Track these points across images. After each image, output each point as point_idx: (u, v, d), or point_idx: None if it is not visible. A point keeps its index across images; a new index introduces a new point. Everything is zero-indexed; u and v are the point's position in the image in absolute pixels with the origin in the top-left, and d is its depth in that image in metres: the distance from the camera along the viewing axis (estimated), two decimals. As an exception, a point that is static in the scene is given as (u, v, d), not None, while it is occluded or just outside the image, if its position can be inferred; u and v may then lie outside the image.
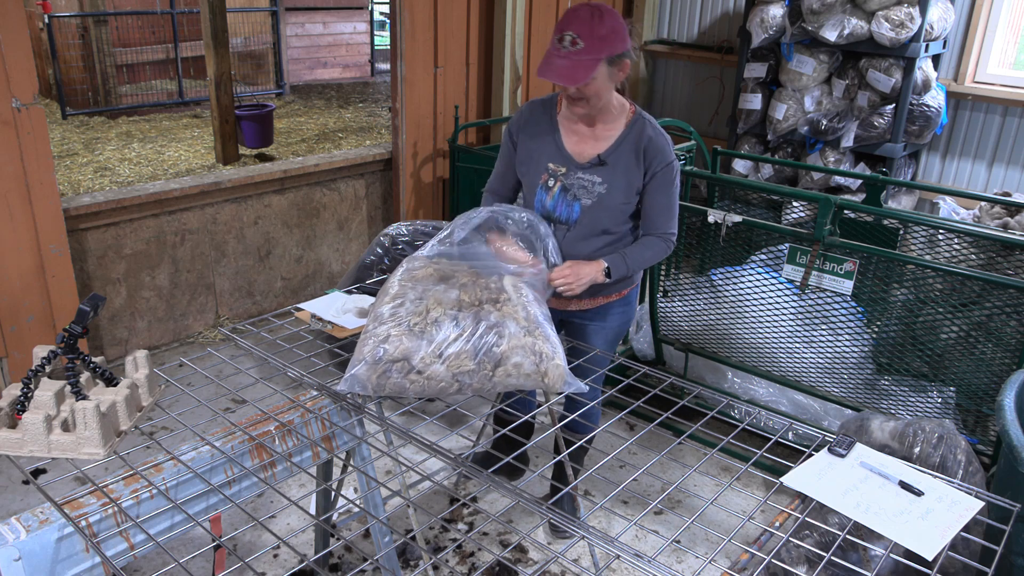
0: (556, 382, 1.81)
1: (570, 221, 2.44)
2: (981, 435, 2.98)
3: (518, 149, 2.51)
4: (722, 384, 3.63)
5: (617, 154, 2.38)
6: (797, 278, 3.08)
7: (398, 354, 1.79)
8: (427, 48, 4.67)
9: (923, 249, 3.26)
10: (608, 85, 2.29)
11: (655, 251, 2.44)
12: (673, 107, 6.11)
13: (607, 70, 2.25)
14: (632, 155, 2.37)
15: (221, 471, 1.79)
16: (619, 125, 2.40)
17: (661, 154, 2.37)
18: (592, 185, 2.39)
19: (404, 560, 2.77)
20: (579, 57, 2.19)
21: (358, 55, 9.77)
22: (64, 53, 6.92)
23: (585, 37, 2.17)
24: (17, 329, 3.39)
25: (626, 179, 2.38)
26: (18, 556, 1.48)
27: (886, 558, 1.52)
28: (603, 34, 2.19)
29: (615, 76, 2.30)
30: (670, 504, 3.11)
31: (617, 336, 2.72)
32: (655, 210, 2.43)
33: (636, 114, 2.42)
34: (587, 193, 2.39)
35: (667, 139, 2.41)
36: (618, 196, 2.39)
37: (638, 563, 1.38)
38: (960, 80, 4.67)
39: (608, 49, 2.21)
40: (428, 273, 1.98)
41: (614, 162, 2.37)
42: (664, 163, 2.37)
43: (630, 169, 2.38)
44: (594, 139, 2.40)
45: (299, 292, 4.73)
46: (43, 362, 1.75)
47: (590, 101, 2.29)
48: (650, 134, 2.38)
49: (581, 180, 2.39)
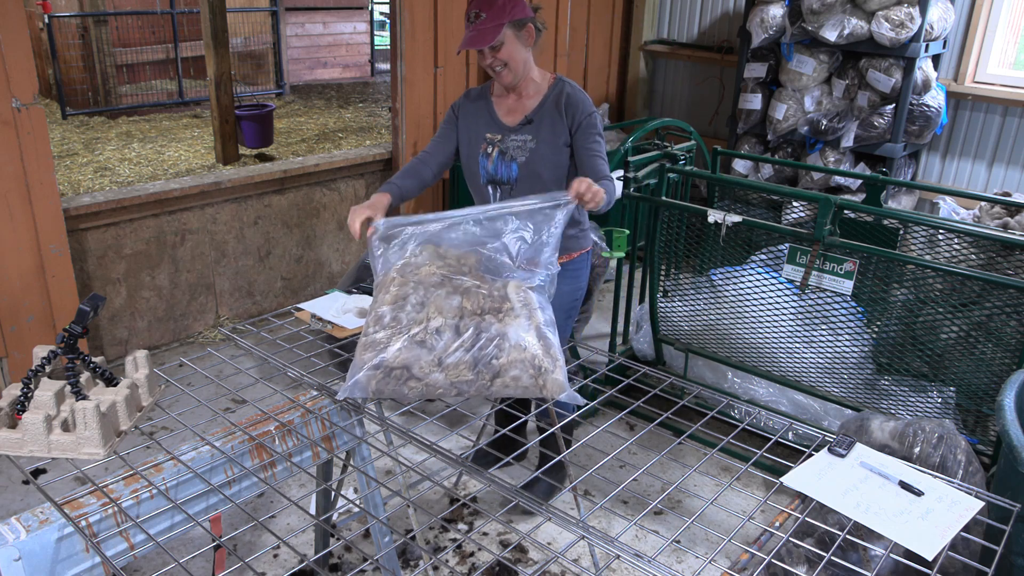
0: (553, 392, 1.82)
1: (511, 180, 2.70)
2: (981, 435, 2.98)
3: (459, 130, 2.79)
4: (722, 384, 3.63)
5: (542, 112, 2.65)
6: (797, 278, 3.08)
7: (398, 363, 1.79)
8: (427, 48, 4.67)
9: (923, 249, 3.26)
10: (519, 49, 2.59)
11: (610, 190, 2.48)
12: (673, 107, 6.11)
13: (514, 33, 2.56)
14: (555, 111, 2.63)
15: (221, 471, 1.80)
16: (543, 90, 2.69)
17: (581, 105, 2.63)
18: (524, 143, 2.65)
19: (404, 560, 2.77)
20: (484, 26, 2.53)
21: (358, 55, 9.77)
22: (64, 53, 6.91)
23: (485, 9, 2.53)
24: (17, 329, 3.39)
25: (552, 132, 2.63)
26: (18, 556, 1.48)
27: (886, 558, 1.52)
28: (501, 3, 2.53)
29: (524, 39, 2.60)
30: (670, 504, 3.11)
31: (572, 299, 2.81)
32: (590, 157, 2.62)
33: (556, 79, 2.71)
34: (521, 152, 2.66)
35: (585, 96, 2.67)
36: (546, 148, 2.63)
37: (638, 563, 1.38)
38: (960, 80, 4.67)
39: (508, 14, 2.53)
40: (431, 272, 1.96)
41: (539, 119, 2.65)
42: (585, 113, 2.62)
43: (555, 123, 2.63)
44: (522, 107, 2.70)
45: (299, 292, 4.73)
46: (43, 362, 1.75)
47: (508, 66, 2.58)
48: (568, 91, 2.65)
49: (515, 141, 2.67)
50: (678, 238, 3.54)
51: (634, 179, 3.40)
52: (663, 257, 3.64)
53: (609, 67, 6.12)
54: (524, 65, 2.62)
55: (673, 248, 3.58)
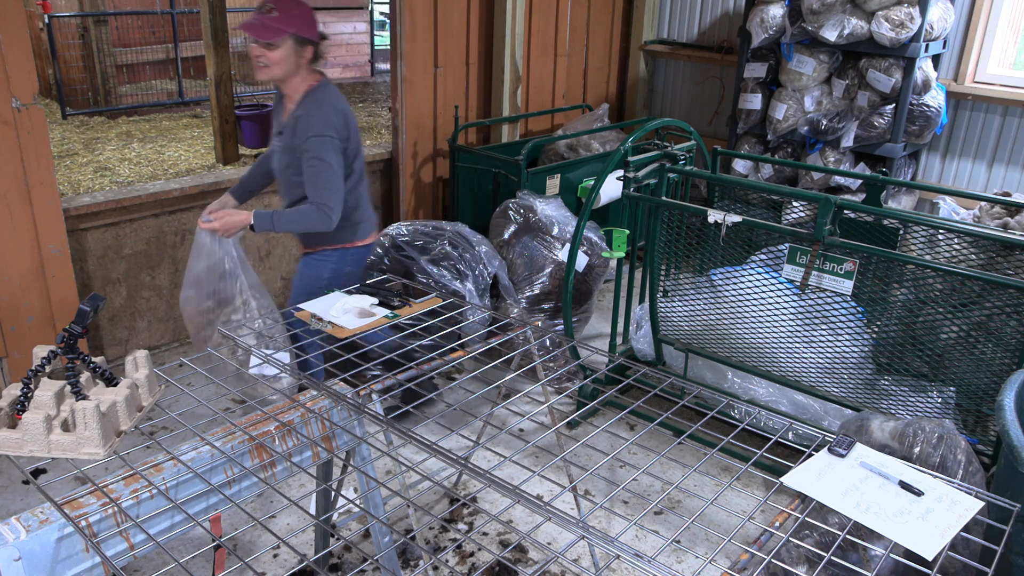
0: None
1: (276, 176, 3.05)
2: (981, 435, 2.98)
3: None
4: (722, 384, 3.62)
5: (289, 127, 2.87)
6: (797, 278, 3.08)
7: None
8: (427, 48, 4.67)
9: (923, 249, 3.26)
10: (290, 61, 2.77)
11: (307, 217, 2.83)
12: (673, 107, 6.11)
13: (293, 46, 2.75)
14: (294, 129, 2.84)
15: (221, 471, 1.79)
16: (296, 102, 2.88)
17: (303, 131, 2.81)
18: (279, 151, 2.94)
19: (404, 560, 2.77)
20: (271, 22, 2.69)
21: (358, 55, 9.77)
22: (64, 53, 6.91)
23: (279, 8, 2.70)
24: (17, 329, 3.39)
25: (292, 148, 2.87)
26: (18, 556, 1.48)
27: (886, 558, 1.52)
28: (295, 12, 2.71)
29: (299, 56, 2.79)
30: (670, 504, 3.11)
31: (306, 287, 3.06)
32: (305, 180, 2.84)
33: (305, 94, 2.86)
34: (278, 157, 2.97)
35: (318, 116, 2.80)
36: (290, 160, 2.89)
37: (638, 563, 1.38)
38: (960, 80, 4.67)
39: (297, 25, 2.71)
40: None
41: (286, 132, 2.89)
42: (304, 138, 2.80)
43: (292, 140, 2.86)
44: (286, 112, 2.92)
45: (299, 292, 4.73)
46: (43, 362, 1.75)
47: (270, 68, 2.76)
48: (301, 113, 2.83)
49: (275, 143, 2.98)
50: (678, 238, 3.54)
51: (634, 179, 3.40)
52: (663, 257, 3.64)
53: (609, 67, 6.12)
54: (285, 75, 2.81)
55: (673, 248, 3.58)
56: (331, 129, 2.80)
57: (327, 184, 2.80)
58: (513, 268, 4.12)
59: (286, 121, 2.89)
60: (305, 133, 2.78)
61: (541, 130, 5.66)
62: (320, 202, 2.80)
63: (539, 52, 5.38)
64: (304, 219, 2.83)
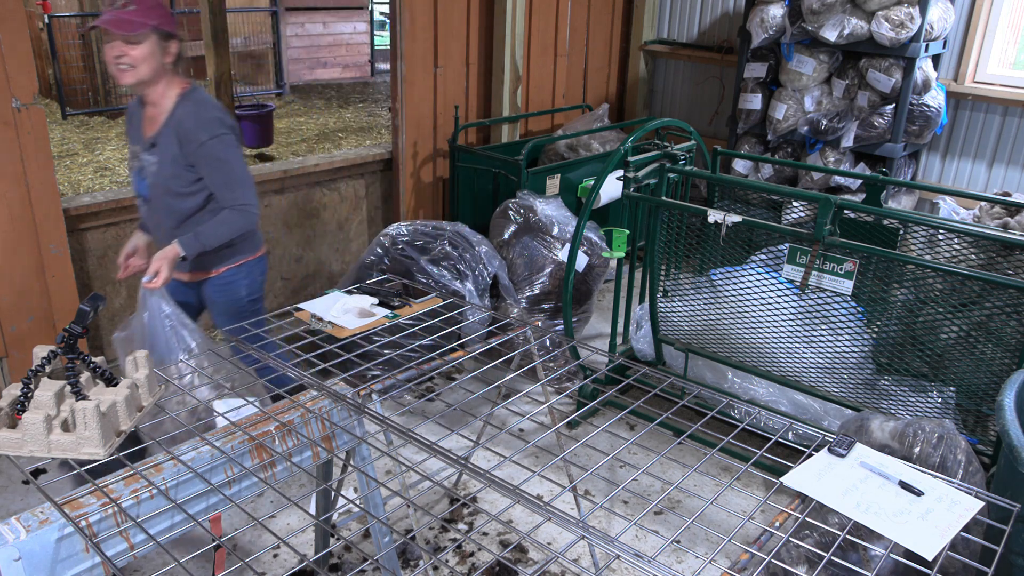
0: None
1: (147, 198, 2.74)
2: (981, 435, 2.98)
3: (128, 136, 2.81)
4: (722, 384, 3.62)
5: (163, 136, 2.62)
6: (797, 278, 3.08)
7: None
8: (427, 48, 4.67)
9: (923, 249, 3.26)
10: (155, 60, 2.54)
11: (230, 224, 2.65)
12: (673, 107, 6.11)
13: (157, 41, 2.52)
14: (174, 137, 2.60)
15: (221, 471, 1.79)
16: (167, 109, 2.63)
17: (190, 136, 2.57)
18: (149, 164, 2.66)
19: (404, 560, 2.76)
20: (129, 16, 2.47)
21: (358, 55, 9.78)
22: (64, 53, 6.91)
23: (136, 1, 2.48)
24: (17, 329, 3.39)
25: (172, 160, 2.61)
26: (18, 556, 1.48)
27: (886, 558, 1.52)
28: (152, 4, 2.50)
29: (164, 53, 2.56)
30: (670, 504, 3.11)
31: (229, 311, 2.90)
32: (214, 186, 2.65)
33: (179, 98, 2.63)
34: (149, 172, 2.68)
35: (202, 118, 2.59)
36: (169, 175, 2.64)
37: (638, 563, 1.38)
38: (960, 80, 4.67)
39: (157, 19, 2.50)
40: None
41: (162, 143, 2.62)
42: (196, 144, 2.57)
43: (175, 150, 2.61)
44: (153, 122, 2.66)
45: (299, 292, 4.73)
46: (43, 362, 1.75)
47: (136, 68, 2.51)
48: (180, 118, 2.59)
49: (144, 160, 2.68)
50: (678, 238, 3.54)
51: (634, 179, 3.40)
52: (663, 257, 3.64)
53: (609, 67, 6.12)
54: (152, 75, 2.56)
55: (673, 248, 3.58)
56: (224, 127, 2.62)
57: (239, 182, 2.65)
58: (513, 268, 4.12)
59: (160, 131, 2.62)
60: (197, 138, 2.57)
61: (541, 130, 5.66)
62: (238, 203, 2.65)
63: (539, 52, 5.38)
64: (228, 224, 2.64)
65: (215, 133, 2.58)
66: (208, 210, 2.71)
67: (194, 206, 2.69)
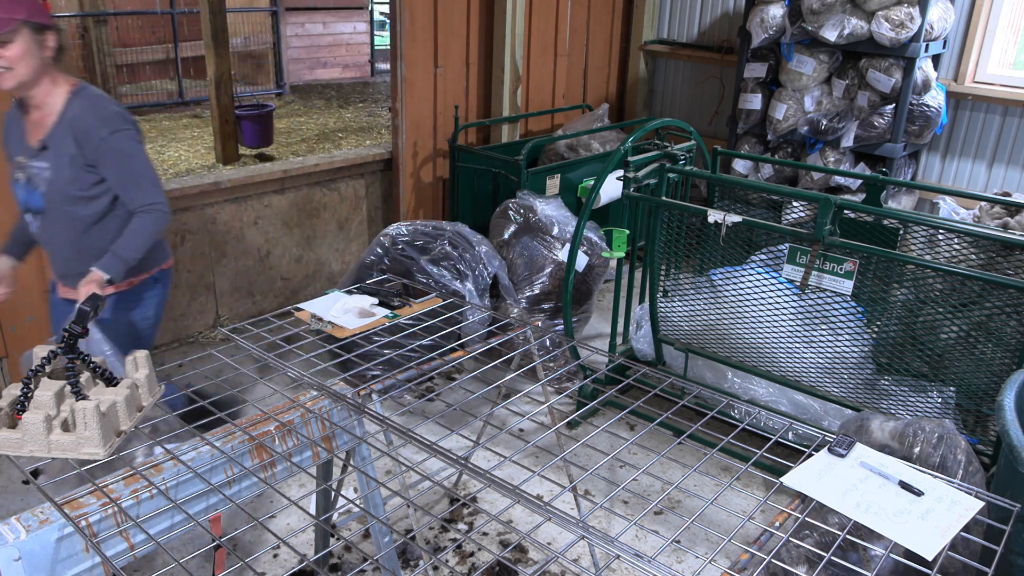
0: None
1: (41, 209, 2.48)
2: (981, 435, 2.98)
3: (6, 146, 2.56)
4: (722, 384, 3.63)
5: (56, 137, 2.40)
6: (797, 278, 3.08)
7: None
8: (427, 48, 4.67)
9: (923, 249, 3.26)
10: (33, 55, 2.31)
11: (144, 229, 2.41)
12: (673, 107, 6.11)
13: (31, 37, 2.29)
14: (70, 137, 2.38)
15: (221, 471, 1.79)
16: (57, 109, 2.42)
17: (91, 133, 2.37)
18: (41, 171, 2.42)
19: (404, 560, 2.77)
20: None
21: (358, 55, 9.78)
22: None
23: None
24: (17, 329, 3.39)
25: (70, 162, 2.39)
26: (18, 556, 1.48)
27: (886, 558, 1.52)
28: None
29: (41, 49, 2.33)
30: (670, 504, 3.11)
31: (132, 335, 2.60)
32: (119, 188, 2.44)
33: (70, 95, 2.43)
34: (41, 180, 2.43)
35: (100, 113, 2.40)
36: (64, 177, 2.40)
37: (638, 563, 1.38)
38: (960, 80, 4.67)
39: (26, 12, 2.26)
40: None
41: (54, 145, 2.40)
42: (97, 140, 2.37)
43: (71, 151, 2.39)
44: (39, 125, 2.44)
45: (299, 292, 4.73)
46: (43, 362, 1.75)
47: (14, 70, 2.29)
48: (75, 115, 2.39)
49: (34, 168, 2.43)
50: (678, 238, 3.54)
51: (634, 179, 3.40)
52: (663, 257, 3.64)
53: (609, 67, 6.12)
54: (32, 75, 2.34)
55: (673, 248, 3.58)
56: (127, 122, 2.43)
57: (146, 180, 2.43)
58: (513, 268, 4.12)
59: (51, 132, 2.40)
60: (98, 133, 2.37)
61: (541, 130, 5.66)
62: (147, 204, 2.42)
63: (539, 52, 5.38)
64: (143, 229, 2.40)
65: (117, 128, 2.40)
66: (114, 215, 2.49)
67: (97, 211, 2.46)
